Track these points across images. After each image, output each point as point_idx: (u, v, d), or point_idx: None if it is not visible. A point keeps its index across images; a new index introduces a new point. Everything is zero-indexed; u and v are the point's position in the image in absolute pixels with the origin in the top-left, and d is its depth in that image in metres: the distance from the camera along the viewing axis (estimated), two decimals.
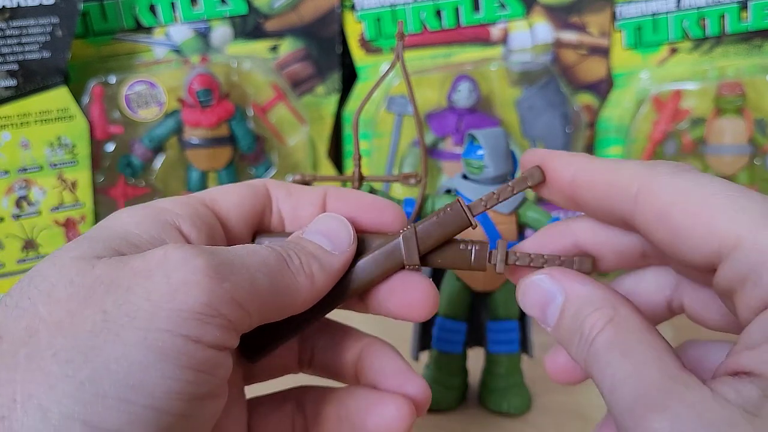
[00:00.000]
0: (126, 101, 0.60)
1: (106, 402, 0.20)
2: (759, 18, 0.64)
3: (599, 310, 0.24)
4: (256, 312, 0.24)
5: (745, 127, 0.62)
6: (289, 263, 0.26)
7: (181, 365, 0.22)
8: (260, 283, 0.24)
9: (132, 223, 0.26)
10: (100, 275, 0.23)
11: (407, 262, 0.28)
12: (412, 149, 0.65)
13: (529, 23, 0.65)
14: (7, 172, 0.56)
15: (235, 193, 0.29)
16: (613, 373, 0.22)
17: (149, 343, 0.21)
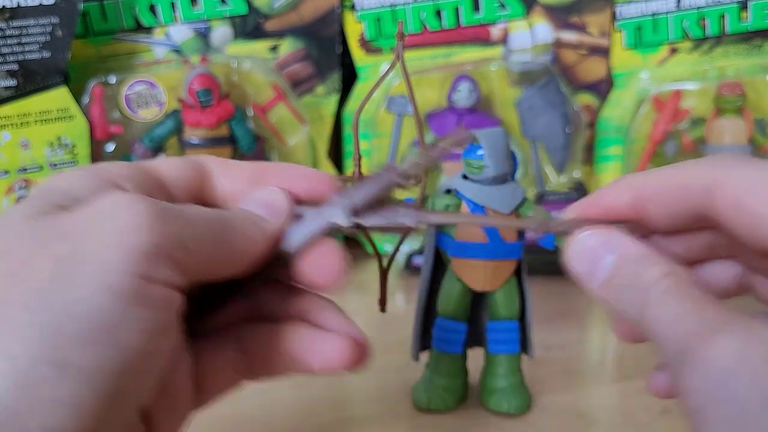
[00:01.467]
0: (126, 101, 0.60)
1: (71, 342, 0.21)
2: (759, 18, 0.64)
3: (656, 265, 0.25)
4: (202, 256, 0.25)
5: (745, 127, 0.62)
6: (229, 222, 0.27)
7: (137, 303, 0.22)
8: (202, 232, 0.25)
9: (74, 180, 0.26)
10: (50, 226, 0.23)
11: (339, 222, 0.29)
12: (412, 149, 0.65)
13: (529, 23, 0.65)
14: (7, 172, 0.56)
15: (174, 164, 0.30)
16: (671, 311, 0.23)
17: (105, 284, 0.22)
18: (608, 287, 0.26)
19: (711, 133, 0.63)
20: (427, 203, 0.41)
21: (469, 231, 0.41)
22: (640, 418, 0.43)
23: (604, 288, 0.26)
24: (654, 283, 0.24)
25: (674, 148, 0.65)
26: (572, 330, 0.55)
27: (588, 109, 0.67)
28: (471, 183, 0.41)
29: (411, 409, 0.44)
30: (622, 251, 0.26)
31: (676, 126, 0.64)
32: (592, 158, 0.68)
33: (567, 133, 0.65)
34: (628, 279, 0.25)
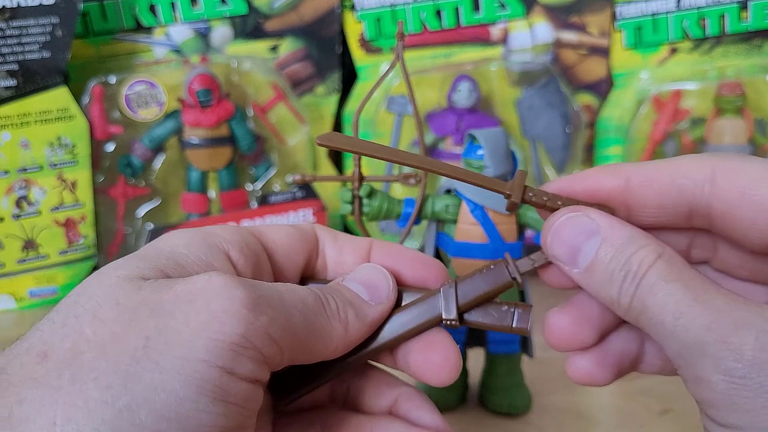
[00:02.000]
0: (126, 101, 0.60)
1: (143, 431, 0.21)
2: (759, 18, 0.64)
3: (646, 248, 0.24)
4: (288, 350, 0.24)
5: (745, 127, 0.62)
6: (326, 306, 0.26)
7: (214, 398, 0.22)
8: (295, 321, 0.24)
9: (181, 244, 0.26)
10: (145, 298, 0.23)
11: (445, 316, 0.27)
12: (412, 149, 0.65)
13: (529, 23, 0.65)
14: (7, 172, 0.56)
15: (283, 231, 0.29)
16: (677, 300, 0.23)
17: (186, 373, 0.21)
18: (592, 273, 0.25)
19: (711, 133, 0.63)
20: (427, 203, 0.41)
21: (469, 231, 0.41)
22: (641, 418, 0.43)
23: (588, 274, 0.25)
24: (648, 268, 0.23)
25: (674, 148, 0.65)
26: None
27: (588, 109, 0.67)
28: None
29: None
30: (606, 233, 0.24)
31: (676, 126, 0.64)
32: (592, 158, 0.68)
33: (567, 133, 0.65)
34: (617, 263, 0.24)
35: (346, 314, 0.26)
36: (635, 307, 0.24)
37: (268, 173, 0.64)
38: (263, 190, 0.64)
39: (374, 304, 0.27)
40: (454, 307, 0.27)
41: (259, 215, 0.62)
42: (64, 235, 0.59)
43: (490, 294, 0.28)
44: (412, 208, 0.41)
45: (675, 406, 0.44)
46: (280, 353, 0.24)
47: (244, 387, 0.23)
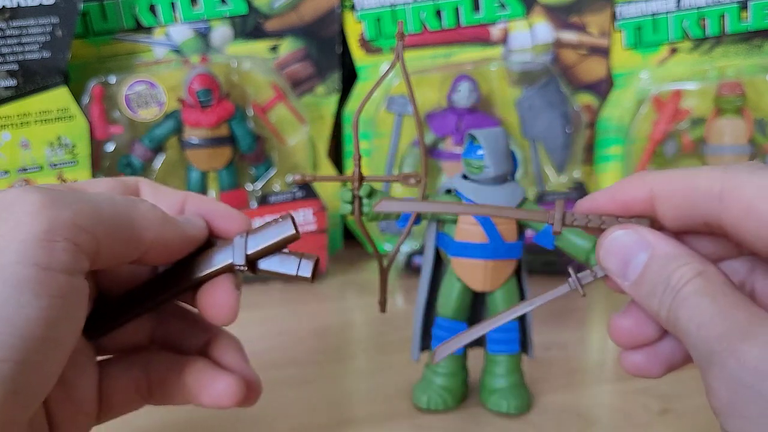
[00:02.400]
0: (126, 101, 0.60)
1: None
2: (759, 18, 0.64)
3: (688, 265, 0.25)
4: (103, 236, 0.26)
5: (745, 127, 0.62)
6: (138, 203, 0.28)
7: (36, 293, 0.23)
8: (104, 211, 0.26)
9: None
10: None
11: (235, 262, 0.30)
12: (412, 149, 0.65)
13: (529, 23, 0.65)
14: (7, 172, 0.56)
15: (104, 184, 0.31)
16: (702, 312, 0.24)
17: (4, 277, 0.23)
18: (639, 286, 0.27)
19: (711, 133, 0.63)
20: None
21: (469, 231, 0.41)
22: (640, 418, 0.43)
23: (636, 286, 0.27)
24: (685, 283, 0.25)
25: (674, 148, 0.65)
26: (572, 330, 0.55)
27: (588, 109, 0.67)
28: (471, 183, 0.41)
29: (411, 409, 0.44)
30: (654, 250, 0.26)
31: (676, 126, 0.64)
32: (592, 158, 0.68)
33: (567, 133, 0.65)
34: (660, 277, 0.26)
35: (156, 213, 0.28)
36: (671, 318, 0.25)
37: (268, 173, 0.64)
38: (263, 190, 0.64)
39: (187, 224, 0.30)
40: (242, 255, 0.30)
41: (259, 215, 0.62)
42: None
43: (276, 245, 0.30)
44: None
45: (674, 406, 0.44)
46: (95, 240, 0.25)
47: (63, 279, 0.24)
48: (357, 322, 0.58)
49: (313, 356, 0.51)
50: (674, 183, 0.27)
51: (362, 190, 0.40)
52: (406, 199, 0.31)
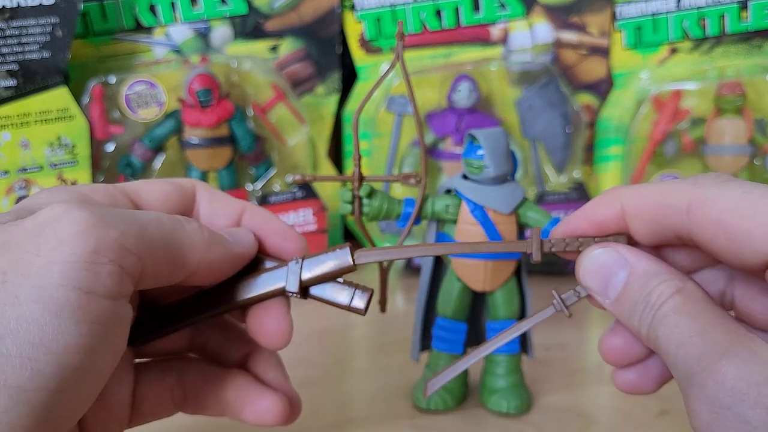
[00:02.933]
0: (126, 101, 0.60)
1: (10, 360, 0.21)
2: (759, 18, 0.64)
3: (667, 282, 0.25)
4: (149, 258, 0.25)
5: (745, 127, 0.62)
6: (183, 223, 0.27)
7: (77, 320, 0.22)
8: (151, 232, 0.25)
9: (45, 202, 0.26)
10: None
11: (288, 288, 0.30)
12: (412, 149, 0.65)
13: (529, 23, 0.65)
14: (7, 172, 0.56)
15: (159, 189, 0.30)
16: (681, 332, 0.24)
17: (45, 301, 0.22)
18: (620, 304, 0.26)
19: (711, 133, 0.63)
20: (427, 203, 0.41)
21: (469, 231, 0.41)
22: (640, 418, 0.43)
23: (617, 305, 0.27)
24: (664, 301, 0.25)
25: (674, 148, 0.65)
26: (572, 330, 0.55)
27: (588, 109, 0.67)
28: (471, 183, 0.41)
29: (411, 409, 0.44)
30: (633, 267, 0.26)
31: (676, 126, 0.64)
32: (592, 158, 0.68)
33: (567, 133, 0.65)
34: (639, 295, 0.26)
35: (204, 234, 0.27)
36: (651, 336, 0.25)
37: (268, 173, 0.64)
38: (263, 190, 0.64)
39: (232, 239, 0.29)
40: (296, 282, 0.30)
41: None
42: None
43: (332, 275, 0.30)
44: (412, 208, 0.41)
45: (674, 406, 0.44)
46: (140, 263, 0.24)
47: (106, 304, 0.23)
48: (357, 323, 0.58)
49: (313, 357, 0.51)
50: (644, 199, 0.27)
51: (362, 190, 0.40)
52: (385, 248, 0.30)
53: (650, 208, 0.26)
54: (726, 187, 0.25)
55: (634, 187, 0.27)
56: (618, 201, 0.27)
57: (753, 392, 0.21)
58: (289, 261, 0.30)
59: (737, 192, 0.24)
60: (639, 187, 0.27)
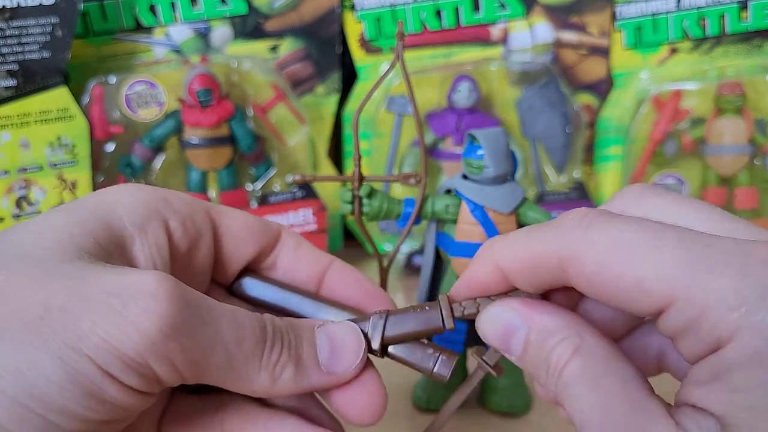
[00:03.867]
0: (126, 101, 0.60)
1: (1, 398, 0.20)
2: (759, 18, 0.64)
3: (565, 340, 0.24)
4: (192, 377, 0.23)
5: (745, 127, 0.62)
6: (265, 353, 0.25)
7: (88, 393, 0.21)
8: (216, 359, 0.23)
9: (121, 203, 0.25)
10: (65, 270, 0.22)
11: (370, 346, 0.27)
12: (412, 149, 0.65)
13: (529, 23, 0.65)
14: (7, 172, 0.56)
15: (242, 220, 0.28)
16: (582, 409, 0.23)
17: (66, 362, 0.21)
18: (525, 362, 0.25)
19: (711, 133, 0.63)
20: (427, 203, 0.41)
21: (469, 231, 0.41)
22: None
23: (522, 363, 0.25)
24: (564, 365, 0.23)
25: (674, 148, 0.65)
26: None
27: (588, 109, 0.67)
28: (471, 183, 0.41)
29: (411, 409, 0.44)
30: (530, 323, 0.25)
31: (676, 126, 0.64)
32: (592, 158, 0.68)
33: (567, 133, 0.65)
34: (540, 357, 0.24)
35: (283, 370, 0.25)
36: (559, 399, 0.24)
37: (268, 173, 0.64)
38: (263, 190, 0.64)
39: (325, 371, 0.26)
40: (379, 339, 0.27)
41: (259, 215, 0.62)
42: None
43: (418, 335, 0.27)
44: (412, 208, 0.41)
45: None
46: (180, 378, 0.23)
47: (124, 393, 0.22)
48: None
49: None
50: (516, 257, 0.25)
51: (362, 190, 0.40)
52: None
53: (525, 267, 0.25)
54: (591, 233, 0.23)
55: (506, 242, 0.26)
56: (493, 261, 0.26)
57: None
58: (371, 315, 0.28)
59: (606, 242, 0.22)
60: (511, 242, 0.25)
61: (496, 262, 0.26)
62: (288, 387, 0.25)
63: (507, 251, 0.25)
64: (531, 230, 0.25)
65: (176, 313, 0.22)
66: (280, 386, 0.25)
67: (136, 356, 0.21)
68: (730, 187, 0.64)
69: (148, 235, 0.25)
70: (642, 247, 0.22)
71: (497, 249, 0.26)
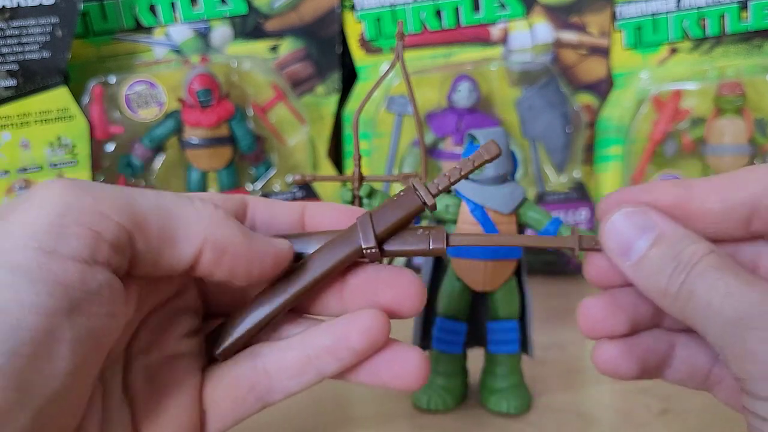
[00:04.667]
0: (126, 101, 0.60)
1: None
2: (759, 18, 0.64)
3: (698, 243, 0.25)
4: (137, 228, 0.24)
5: (745, 127, 0.62)
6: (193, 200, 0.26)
7: (32, 278, 0.21)
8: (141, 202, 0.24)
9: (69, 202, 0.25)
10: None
11: (365, 245, 0.27)
12: (412, 149, 0.65)
13: (529, 23, 0.65)
14: (7, 172, 0.56)
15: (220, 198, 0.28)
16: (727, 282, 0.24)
17: (3, 261, 0.21)
18: (642, 264, 0.26)
19: (711, 133, 0.63)
20: None
21: (469, 231, 0.41)
22: (640, 418, 0.43)
23: (637, 266, 0.26)
24: (700, 258, 0.25)
25: (674, 148, 0.65)
26: (572, 330, 0.55)
27: (588, 109, 0.67)
28: (471, 183, 0.41)
29: (411, 409, 0.44)
30: (662, 229, 0.26)
31: (676, 126, 0.64)
32: (592, 158, 0.68)
33: (567, 133, 0.65)
34: (669, 255, 0.25)
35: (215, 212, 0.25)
36: (683, 293, 0.25)
37: (268, 173, 0.64)
38: (263, 190, 0.64)
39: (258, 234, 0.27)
40: (371, 235, 0.27)
41: None
42: None
43: (405, 219, 0.28)
44: None
45: (674, 406, 0.44)
46: (124, 231, 0.23)
47: (71, 266, 0.22)
48: None
49: None
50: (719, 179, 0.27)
51: (362, 190, 0.40)
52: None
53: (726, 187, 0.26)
54: None
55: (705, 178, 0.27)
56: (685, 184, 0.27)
57: None
58: (356, 220, 0.28)
59: None
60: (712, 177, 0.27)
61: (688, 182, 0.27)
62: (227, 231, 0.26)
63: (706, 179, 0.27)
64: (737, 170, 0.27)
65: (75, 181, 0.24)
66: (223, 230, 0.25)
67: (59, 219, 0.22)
68: None
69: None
70: None
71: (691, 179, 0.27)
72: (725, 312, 0.24)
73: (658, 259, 0.25)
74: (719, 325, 0.24)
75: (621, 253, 0.26)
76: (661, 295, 0.26)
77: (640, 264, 0.26)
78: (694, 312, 0.25)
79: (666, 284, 0.25)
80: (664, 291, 0.25)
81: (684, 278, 0.25)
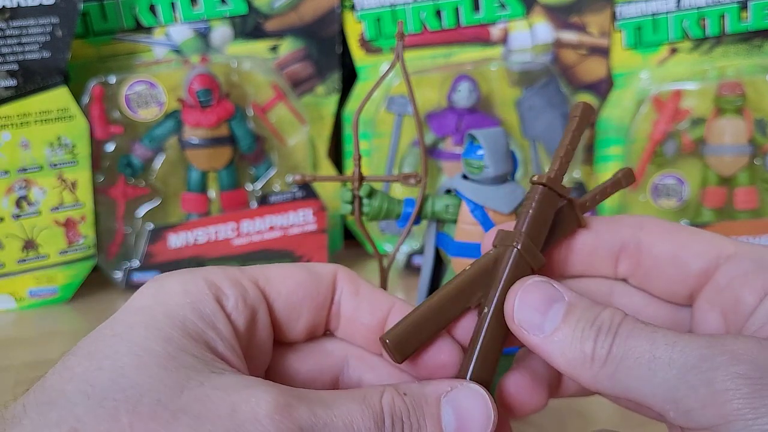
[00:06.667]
0: (126, 101, 0.60)
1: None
2: (759, 18, 0.64)
3: (609, 308, 0.25)
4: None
5: (745, 127, 0.62)
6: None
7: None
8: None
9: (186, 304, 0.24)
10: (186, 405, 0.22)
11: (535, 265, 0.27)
12: (412, 149, 0.65)
13: (529, 23, 0.65)
14: (7, 172, 0.56)
15: (293, 279, 0.27)
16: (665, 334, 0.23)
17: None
18: (558, 335, 0.24)
19: (711, 133, 0.63)
20: (427, 203, 0.41)
21: (469, 231, 0.41)
22: (640, 418, 0.43)
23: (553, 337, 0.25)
24: (621, 320, 0.24)
25: (674, 148, 0.65)
26: None
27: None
28: (471, 183, 0.41)
29: None
30: (571, 298, 0.25)
31: (676, 126, 0.64)
32: (592, 158, 0.68)
33: None
34: (586, 322, 0.24)
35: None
36: (615, 355, 0.24)
37: (268, 173, 0.64)
38: (263, 190, 0.64)
39: None
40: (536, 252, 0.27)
41: (259, 215, 0.62)
42: (64, 235, 0.59)
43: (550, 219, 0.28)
44: (412, 208, 0.41)
45: None
46: None
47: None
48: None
49: None
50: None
51: (362, 190, 0.40)
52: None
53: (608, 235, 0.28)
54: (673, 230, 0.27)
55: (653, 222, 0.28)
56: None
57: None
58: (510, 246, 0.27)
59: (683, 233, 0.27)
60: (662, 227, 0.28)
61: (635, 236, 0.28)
62: None
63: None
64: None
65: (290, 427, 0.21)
66: None
67: None
68: (730, 187, 0.64)
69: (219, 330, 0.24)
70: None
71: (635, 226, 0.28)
72: (676, 362, 0.22)
73: (574, 327, 0.24)
74: (670, 380, 0.22)
75: (531, 328, 0.25)
76: (585, 364, 0.24)
77: (556, 335, 0.24)
78: (628, 373, 0.23)
79: (592, 350, 0.24)
80: (590, 358, 0.24)
81: (612, 339, 0.24)
